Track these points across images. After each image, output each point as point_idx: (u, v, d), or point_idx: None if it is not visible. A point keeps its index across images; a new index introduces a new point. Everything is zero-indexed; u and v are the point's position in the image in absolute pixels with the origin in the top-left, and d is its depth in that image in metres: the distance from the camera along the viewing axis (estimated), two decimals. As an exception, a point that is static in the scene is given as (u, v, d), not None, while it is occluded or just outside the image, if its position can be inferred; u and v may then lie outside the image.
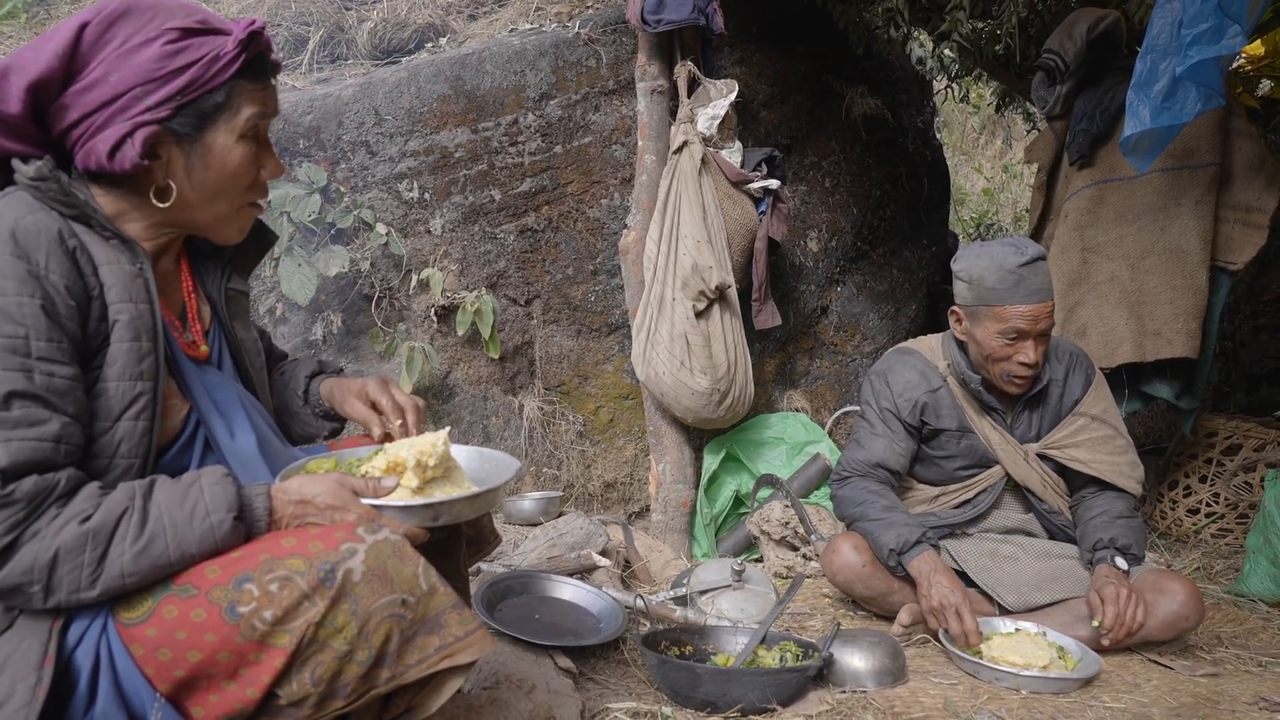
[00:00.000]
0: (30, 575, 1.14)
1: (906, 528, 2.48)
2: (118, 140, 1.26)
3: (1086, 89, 3.52)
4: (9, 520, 1.14)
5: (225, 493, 1.24)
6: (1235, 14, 2.54)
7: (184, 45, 1.27)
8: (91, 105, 1.25)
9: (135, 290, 1.30)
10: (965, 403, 2.63)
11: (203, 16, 1.31)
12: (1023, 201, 8.10)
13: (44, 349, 1.18)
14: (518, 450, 3.38)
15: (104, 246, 1.30)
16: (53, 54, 1.23)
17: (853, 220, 4.21)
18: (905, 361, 2.71)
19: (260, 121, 1.38)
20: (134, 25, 1.26)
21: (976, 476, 2.66)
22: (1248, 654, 2.48)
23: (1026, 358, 2.45)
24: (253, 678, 1.20)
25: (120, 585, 1.18)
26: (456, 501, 1.39)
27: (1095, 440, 2.59)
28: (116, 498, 1.20)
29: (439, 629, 1.26)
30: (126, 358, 1.27)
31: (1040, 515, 2.65)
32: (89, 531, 1.16)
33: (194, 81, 1.28)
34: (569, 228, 3.50)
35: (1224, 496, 3.62)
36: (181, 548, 1.20)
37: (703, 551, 3.39)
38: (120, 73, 1.25)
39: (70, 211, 1.28)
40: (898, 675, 2.19)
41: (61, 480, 1.17)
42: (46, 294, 1.20)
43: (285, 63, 3.68)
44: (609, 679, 2.22)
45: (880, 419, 2.68)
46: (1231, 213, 3.26)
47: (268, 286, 3.06)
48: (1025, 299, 2.41)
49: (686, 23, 3.27)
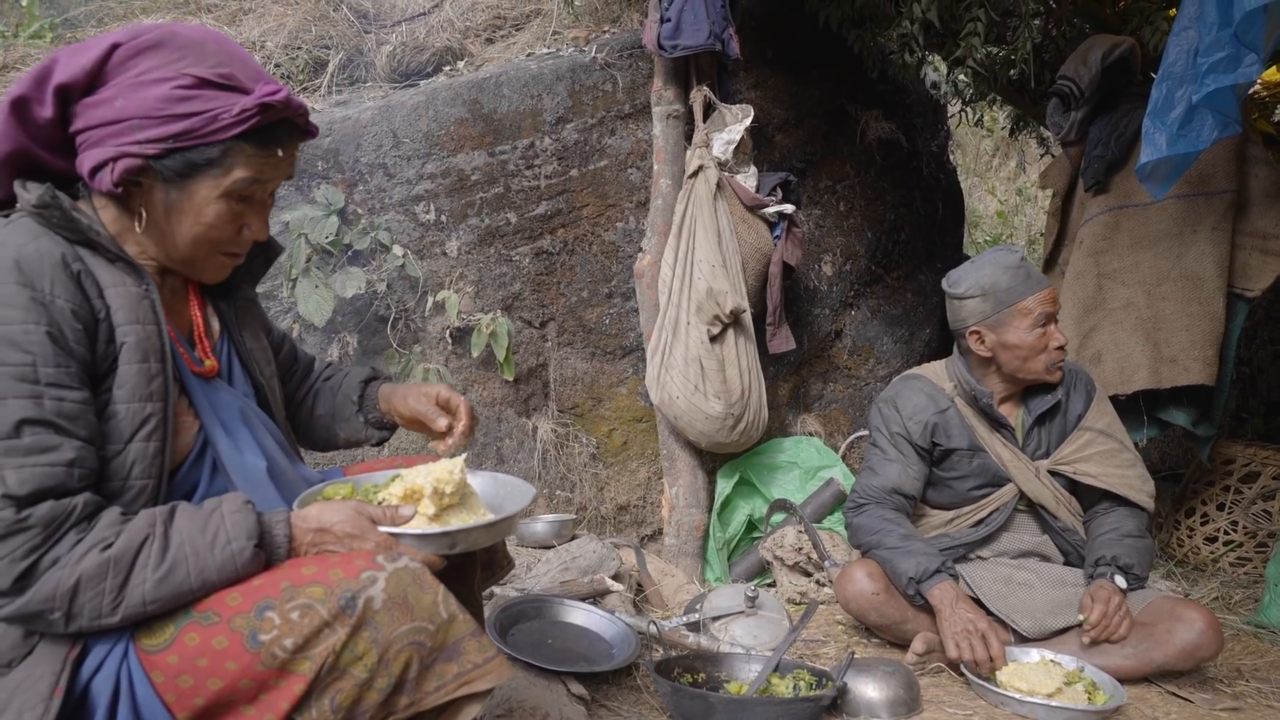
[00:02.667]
0: (52, 602, 1.15)
1: (925, 556, 2.48)
2: (101, 162, 1.27)
3: (1101, 115, 3.52)
4: (26, 545, 1.14)
5: (246, 520, 1.25)
6: (1252, 42, 2.54)
7: (193, 94, 1.27)
8: (94, 121, 1.27)
9: (142, 311, 1.31)
10: (975, 421, 2.66)
11: (230, 71, 1.30)
12: (1037, 225, 8.09)
13: (52, 375, 1.19)
14: (531, 472, 3.38)
15: (109, 269, 1.31)
16: (81, 66, 1.25)
17: (867, 244, 4.22)
18: (912, 386, 2.74)
19: (252, 187, 1.36)
20: (158, 60, 1.27)
21: (989, 495, 2.66)
22: (1269, 688, 2.46)
23: (1058, 340, 2.57)
24: (272, 704, 1.21)
25: (142, 612, 1.19)
26: (473, 530, 1.39)
27: (1103, 454, 2.62)
28: (138, 525, 1.20)
29: (458, 656, 1.27)
30: (135, 379, 1.28)
31: (1055, 534, 2.66)
32: (110, 559, 1.17)
33: (190, 131, 1.27)
34: (584, 251, 3.51)
35: (1242, 524, 3.58)
36: (203, 575, 1.21)
37: (715, 576, 3.38)
38: (125, 100, 1.26)
39: (74, 236, 1.29)
40: (912, 706, 2.17)
41: (78, 505, 1.18)
42: (53, 319, 1.21)
43: (305, 84, 3.72)
44: (621, 705, 2.21)
45: (892, 444, 2.69)
46: (1248, 239, 3.24)
47: (285, 307, 3.07)
48: (1038, 287, 2.56)
49: (703, 48, 3.29)
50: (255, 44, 3.75)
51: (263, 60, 3.67)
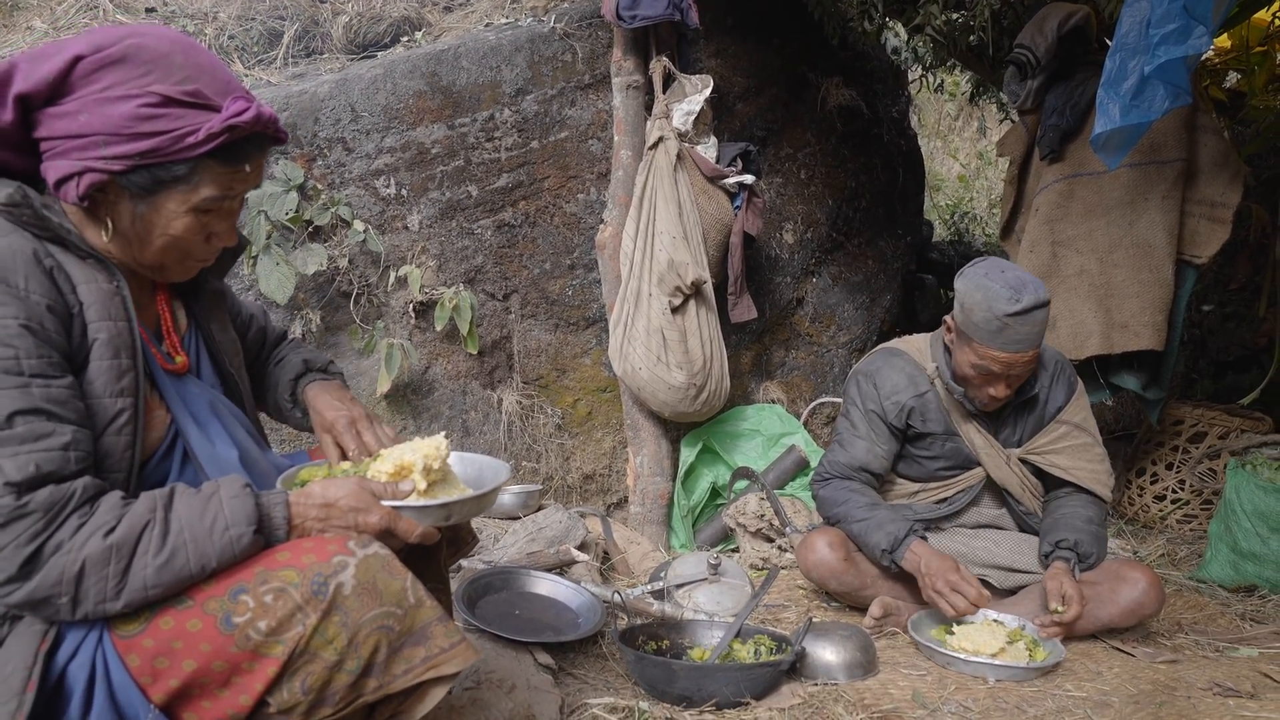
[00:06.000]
0: (59, 588, 1.17)
1: (893, 524, 2.52)
2: (66, 175, 1.26)
3: (1057, 83, 3.56)
4: (29, 531, 1.16)
5: (245, 506, 1.27)
6: (1201, 15, 2.59)
7: (160, 113, 1.26)
8: (58, 132, 1.26)
9: (113, 308, 1.32)
10: (951, 406, 2.65)
11: (197, 87, 1.28)
12: (997, 189, 8.17)
13: (36, 365, 1.20)
14: (497, 444, 3.42)
15: (80, 266, 1.31)
16: (43, 77, 1.23)
17: (828, 211, 4.26)
18: (893, 364, 2.69)
19: (221, 204, 1.36)
20: (122, 75, 1.25)
21: (957, 477, 2.70)
22: (1206, 640, 2.57)
23: (996, 392, 2.49)
24: (246, 686, 1.24)
25: (144, 597, 1.21)
26: (467, 501, 1.46)
27: (1075, 448, 2.65)
28: (139, 510, 1.22)
29: (425, 640, 1.31)
30: (107, 375, 1.29)
31: (1013, 512, 2.73)
32: (113, 545, 1.18)
33: (157, 149, 1.26)
34: (546, 223, 3.52)
35: (1189, 483, 3.70)
36: (202, 561, 1.23)
37: (680, 543, 3.44)
38: (90, 116, 1.24)
39: (45, 234, 1.29)
40: (868, 668, 2.25)
41: (78, 489, 1.20)
42: (30, 313, 1.21)
43: (260, 57, 3.66)
44: (588, 674, 2.27)
45: (865, 420, 2.68)
46: (1197, 207, 3.32)
47: (246, 285, 3.06)
48: (1004, 347, 2.38)
49: (661, 18, 3.29)
50: (208, 15, 3.68)
51: (216, 32, 3.60)
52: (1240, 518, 3.02)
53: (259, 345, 1.84)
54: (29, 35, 3.65)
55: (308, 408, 1.69)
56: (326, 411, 1.64)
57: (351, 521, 1.34)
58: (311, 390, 1.71)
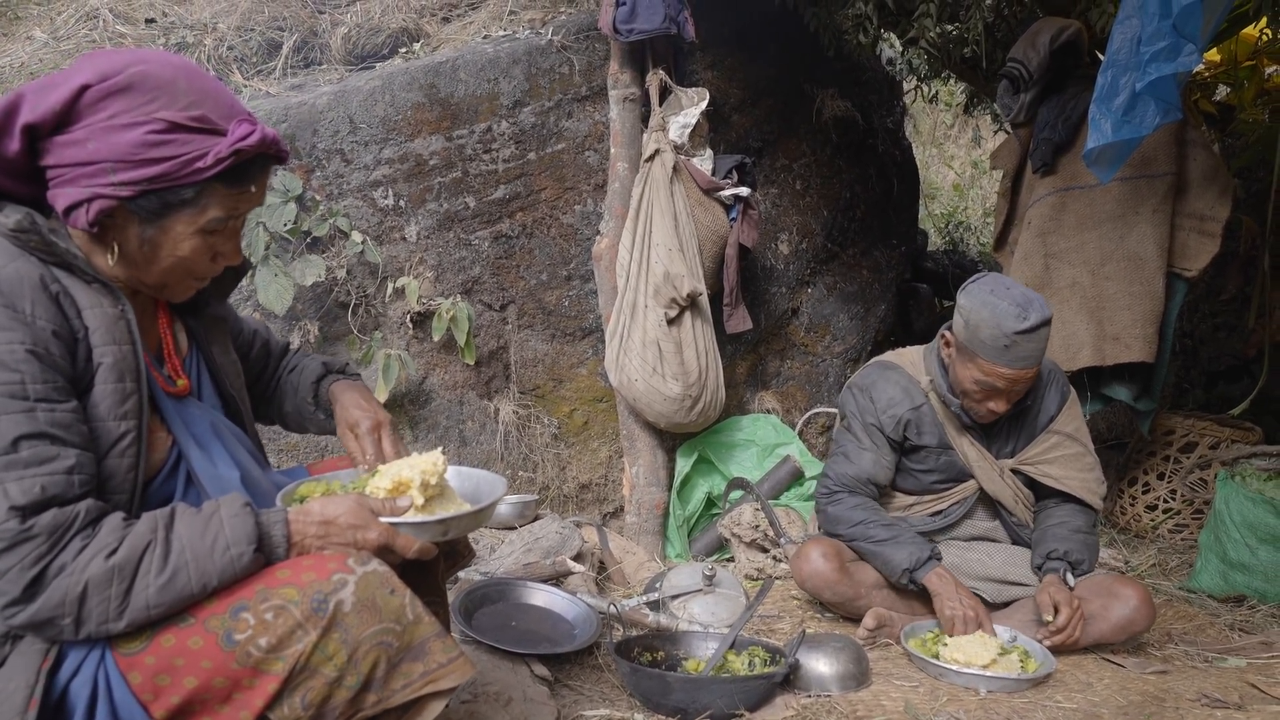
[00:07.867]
0: (62, 609, 1.19)
1: (915, 545, 2.55)
2: (75, 202, 1.28)
3: (1050, 97, 3.60)
4: (34, 554, 1.18)
5: (245, 525, 1.28)
6: (1190, 34, 2.62)
7: (167, 139, 1.28)
8: (66, 160, 1.27)
9: (118, 332, 1.34)
10: (946, 419, 2.67)
11: (202, 112, 1.30)
12: (991, 198, 8.20)
13: (41, 390, 1.22)
14: (494, 454, 3.44)
15: (86, 290, 1.33)
16: (50, 107, 1.25)
17: (823, 222, 4.29)
18: (888, 377, 2.71)
19: (226, 224, 1.38)
20: (129, 103, 1.26)
21: (951, 490, 2.72)
22: (1195, 650, 2.60)
23: (996, 407, 2.52)
24: (246, 702, 1.26)
25: (146, 617, 1.23)
26: (464, 516, 1.48)
27: (1067, 457, 2.67)
28: (140, 531, 1.24)
29: (423, 656, 1.33)
30: (111, 399, 1.31)
31: (1006, 525, 2.75)
32: (115, 566, 1.20)
33: (165, 175, 1.28)
34: (543, 234, 3.54)
35: (1180, 493, 3.73)
36: (203, 580, 1.25)
37: (676, 553, 3.46)
38: (98, 144, 1.26)
39: (51, 259, 1.30)
40: (861, 679, 2.27)
41: (81, 512, 1.21)
42: (36, 339, 1.23)
43: (259, 67, 3.69)
44: (584, 685, 2.29)
45: (866, 433, 2.69)
46: (1187, 220, 3.36)
47: (244, 295, 3.08)
48: (1010, 364, 2.41)
49: (658, 32, 3.32)
50: (207, 26, 3.70)
51: (215, 43, 3.62)
52: (1229, 528, 3.05)
53: (263, 360, 1.86)
54: (29, 45, 3.67)
55: (332, 405, 1.72)
56: (353, 409, 1.68)
57: (350, 538, 1.36)
58: (337, 388, 1.74)
